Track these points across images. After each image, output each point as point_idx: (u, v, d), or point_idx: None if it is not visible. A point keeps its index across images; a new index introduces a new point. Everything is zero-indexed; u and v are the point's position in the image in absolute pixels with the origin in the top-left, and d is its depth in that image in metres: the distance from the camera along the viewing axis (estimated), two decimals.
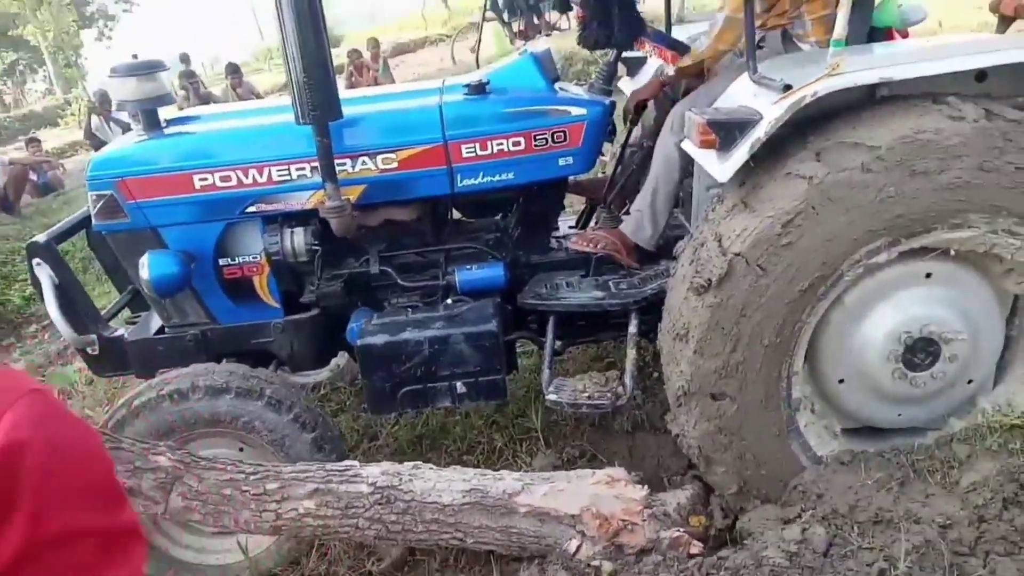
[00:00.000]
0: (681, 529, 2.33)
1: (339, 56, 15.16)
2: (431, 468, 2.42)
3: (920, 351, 2.37)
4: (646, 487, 2.41)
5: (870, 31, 2.87)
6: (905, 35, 3.25)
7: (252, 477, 2.29)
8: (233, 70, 12.54)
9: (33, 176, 10.10)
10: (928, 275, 2.34)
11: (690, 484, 2.69)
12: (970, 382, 2.49)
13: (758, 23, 2.83)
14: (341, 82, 12.32)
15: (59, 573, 0.74)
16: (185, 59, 14.86)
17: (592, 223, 3.40)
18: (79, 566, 0.75)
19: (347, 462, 2.41)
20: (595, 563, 2.24)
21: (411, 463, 2.42)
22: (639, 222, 2.92)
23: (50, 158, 11.17)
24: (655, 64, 3.54)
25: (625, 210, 3.21)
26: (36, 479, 0.72)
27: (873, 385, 2.44)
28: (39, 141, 11.66)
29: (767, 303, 2.23)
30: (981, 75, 2.29)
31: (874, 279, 2.33)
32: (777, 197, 2.19)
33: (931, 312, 2.34)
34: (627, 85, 3.76)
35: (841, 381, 2.47)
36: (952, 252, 2.25)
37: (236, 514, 2.27)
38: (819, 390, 2.54)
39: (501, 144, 2.72)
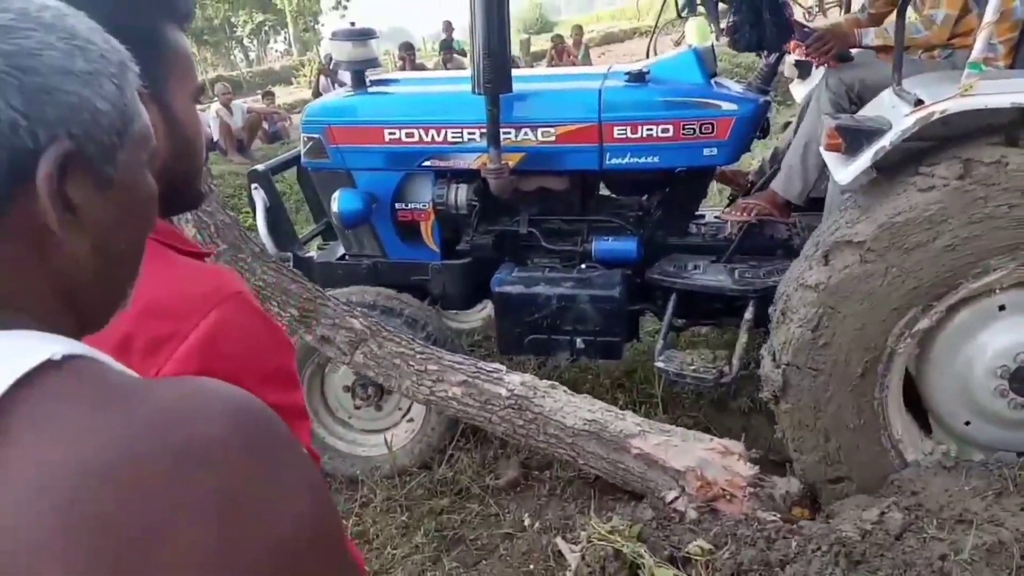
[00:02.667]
0: (779, 515, 2.43)
1: (547, 41, 15.67)
2: (565, 391, 2.76)
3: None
4: (757, 467, 2.55)
5: None
6: None
7: (419, 356, 2.79)
8: (446, 46, 13.45)
9: (265, 125, 11.46)
10: (1001, 307, 2.35)
11: None
12: None
13: (948, 40, 2.89)
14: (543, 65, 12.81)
15: None
16: (447, 28, 15.53)
17: None
18: None
19: (497, 364, 2.84)
20: (679, 507, 2.47)
21: (549, 382, 2.79)
22: (789, 177, 3.03)
23: (281, 110, 12.58)
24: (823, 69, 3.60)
25: None
26: (234, 363, 0.85)
27: (995, 418, 2.46)
28: (273, 94, 13.16)
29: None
30: None
31: (948, 328, 2.39)
32: None
33: (1020, 339, 2.35)
34: (797, 88, 3.84)
35: (967, 423, 2.50)
36: (996, 291, 2.26)
37: (400, 380, 2.78)
38: (952, 434, 2.58)
39: (651, 130, 2.96)
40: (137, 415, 0.52)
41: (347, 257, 3.47)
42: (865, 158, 2.31)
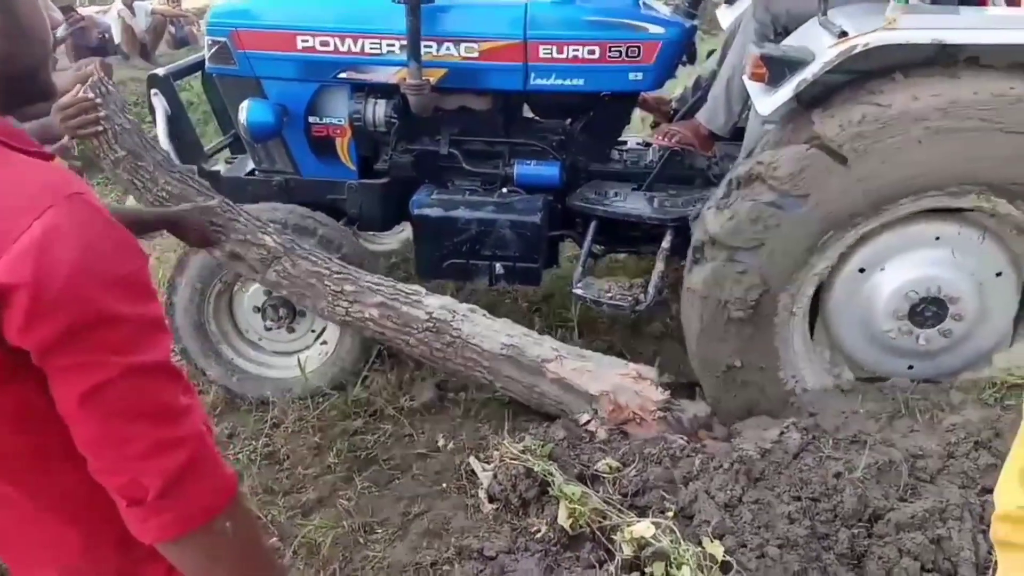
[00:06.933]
0: (686, 438, 2.49)
1: None
2: (485, 315, 2.73)
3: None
4: (668, 392, 2.60)
5: None
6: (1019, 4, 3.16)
7: (335, 275, 2.69)
8: None
9: (171, 28, 10.70)
10: (937, 238, 2.43)
11: None
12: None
13: None
14: None
15: (96, 352, 0.82)
16: None
17: None
18: (113, 347, 0.83)
19: (416, 287, 2.77)
20: (591, 428, 2.52)
21: (468, 305, 2.76)
22: (714, 108, 3.01)
23: (189, 13, 11.74)
24: None
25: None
26: (73, 270, 0.79)
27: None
28: None
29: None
30: None
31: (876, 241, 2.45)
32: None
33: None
34: (724, 14, 3.80)
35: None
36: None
37: (315, 301, 2.70)
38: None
39: (576, 50, 2.87)
40: None
41: (257, 172, 3.30)
42: (787, 89, 2.31)
